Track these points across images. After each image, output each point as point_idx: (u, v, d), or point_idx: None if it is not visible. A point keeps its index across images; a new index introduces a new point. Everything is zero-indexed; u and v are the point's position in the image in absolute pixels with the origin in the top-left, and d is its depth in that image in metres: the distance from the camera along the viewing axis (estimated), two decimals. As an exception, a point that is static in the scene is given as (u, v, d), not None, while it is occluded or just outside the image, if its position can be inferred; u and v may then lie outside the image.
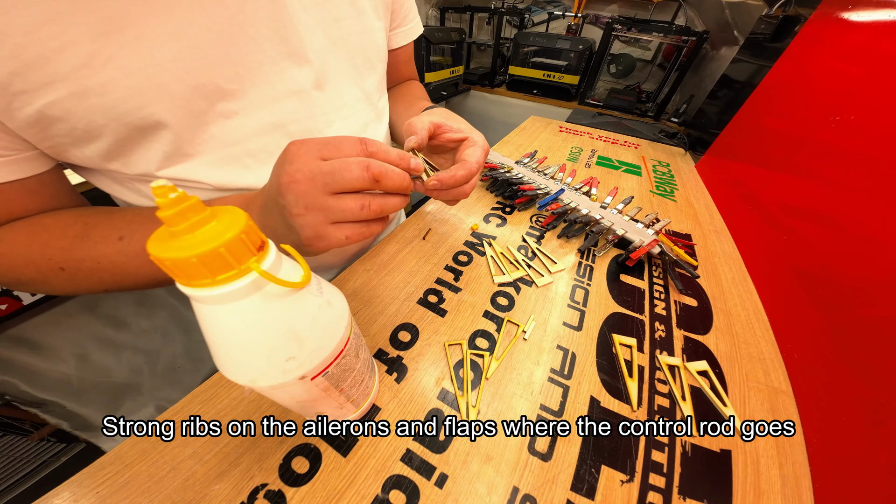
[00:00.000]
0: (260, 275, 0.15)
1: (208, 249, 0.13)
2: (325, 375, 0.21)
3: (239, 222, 0.14)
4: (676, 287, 0.46)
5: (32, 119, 0.21)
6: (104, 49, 0.21)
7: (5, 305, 0.63)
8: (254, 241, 0.15)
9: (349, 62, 0.35)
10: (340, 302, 0.21)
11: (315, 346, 0.19)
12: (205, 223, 0.14)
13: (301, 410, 0.24)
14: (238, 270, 0.14)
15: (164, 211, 0.13)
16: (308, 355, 0.19)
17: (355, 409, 0.27)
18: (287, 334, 0.17)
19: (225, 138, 0.28)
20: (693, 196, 0.74)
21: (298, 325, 0.18)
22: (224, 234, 0.14)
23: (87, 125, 0.23)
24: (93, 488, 0.25)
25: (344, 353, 0.21)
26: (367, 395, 0.28)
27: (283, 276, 0.16)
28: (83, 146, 0.24)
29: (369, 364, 0.28)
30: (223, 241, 0.13)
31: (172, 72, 0.23)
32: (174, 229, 0.13)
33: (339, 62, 0.33)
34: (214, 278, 0.14)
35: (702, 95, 1.16)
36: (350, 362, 0.23)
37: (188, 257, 0.13)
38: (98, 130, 0.23)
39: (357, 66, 0.36)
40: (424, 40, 1.38)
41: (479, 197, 0.64)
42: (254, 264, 0.15)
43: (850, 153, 0.44)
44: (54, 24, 0.19)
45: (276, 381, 0.18)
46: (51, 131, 0.22)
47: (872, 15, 0.49)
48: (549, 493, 0.27)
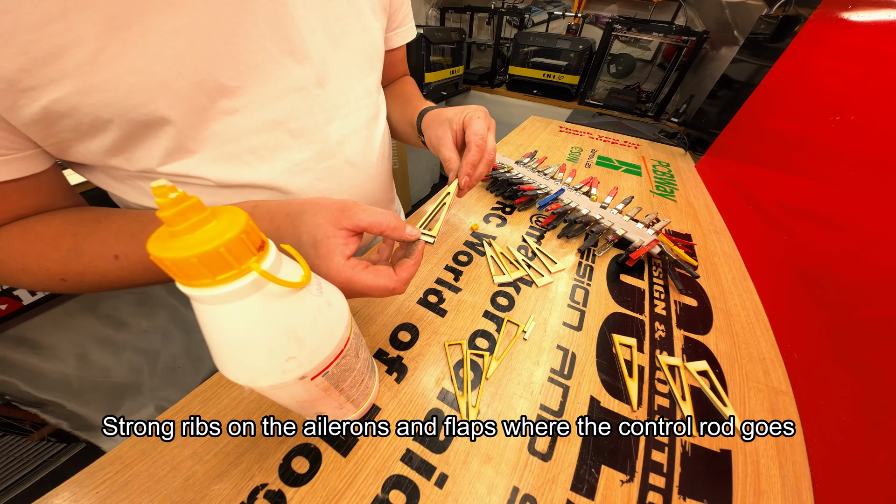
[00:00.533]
0: (260, 275, 0.15)
1: (208, 249, 0.13)
2: (326, 375, 0.21)
3: (239, 222, 0.14)
4: (676, 287, 0.46)
5: (38, 115, 0.21)
6: (109, 46, 0.21)
7: (5, 305, 0.63)
8: (254, 241, 0.15)
9: (350, 60, 0.35)
10: (340, 302, 0.21)
11: (315, 346, 0.19)
12: (205, 223, 0.14)
13: (301, 410, 0.24)
14: (238, 270, 0.14)
15: (165, 211, 0.13)
16: (308, 355, 0.19)
17: (355, 409, 0.27)
18: (287, 334, 0.17)
19: (226, 135, 0.29)
20: (693, 196, 0.74)
21: (298, 326, 0.18)
22: (224, 233, 0.14)
23: (92, 120, 0.23)
24: (93, 488, 0.25)
25: (344, 352, 0.21)
26: (367, 395, 0.28)
27: (284, 276, 0.16)
28: (87, 141, 0.24)
29: (369, 364, 0.28)
30: (223, 240, 0.13)
31: (176, 69, 0.24)
32: (174, 229, 0.13)
33: (340, 60, 0.34)
34: (214, 278, 0.14)
35: (702, 95, 1.16)
36: (350, 362, 0.23)
37: (188, 257, 0.13)
38: (103, 126, 0.23)
39: (358, 64, 0.36)
40: (424, 40, 1.38)
41: (479, 197, 0.64)
42: (254, 264, 0.15)
43: (850, 153, 0.44)
44: (61, 22, 0.19)
45: (276, 381, 0.18)
46: (56, 128, 0.23)
47: (872, 15, 0.49)
48: (549, 493, 0.27)
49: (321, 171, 0.36)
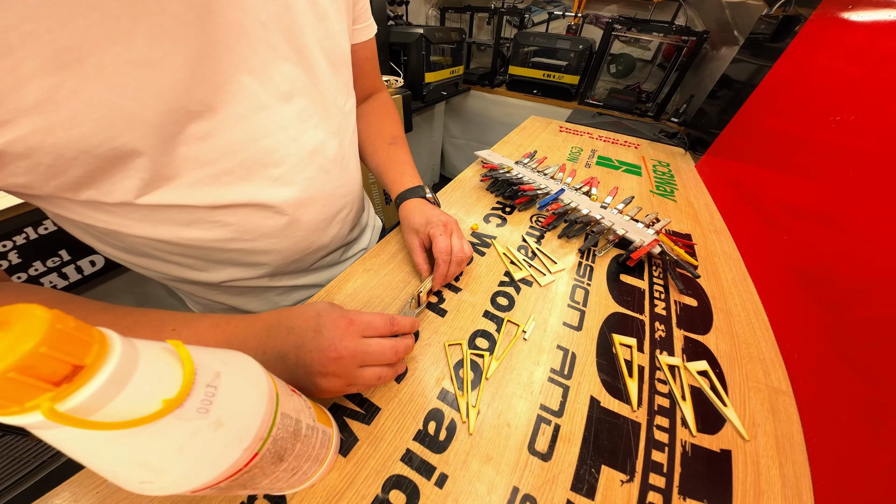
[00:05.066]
0: (49, 419, 0.10)
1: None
2: (217, 488, 0.16)
3: (21, 346, 0.10)
4: (677, 287, 0.46)
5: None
6: (66, 81, 0.20)
7: (5, 305, 0.63)
8: (53, 370, 0.10)
9: (315, 70, 0.34)
10: (244, 418, 0.16)
11: (182, 474, 0.15)
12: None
13: None
14: (20, 409, 0.10)
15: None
16: (173, 482, 0.14)
17: (290, 489, 0.24)
18: (132, 463, 0.13)
19: (201, 159, 0.28)
20: (693, 196, 0.74)
21: (150, 456, 0.13)
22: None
23: (52, 160, 0.22)
24: (93, 488, 0.25)
25: (247, 469, 0.17)
26: (308, 477, 0.24)
27: (133, 398, 0.12)
28: (47, 180, 0.23)
29: (310, 449, 0.23)
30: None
31: (141, 99, 0.23)
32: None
33: (304, 72, 0.33)
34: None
35: (702, 95, 1.16)
36: (262, 471, 0.18)
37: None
38: (66, 164, 0.23)
39: (323, 71, 0.35)
40: (424, 40, 1.38)
41: (479, 197, 0.64)
42: (45, 403, 0.10)
43: (850, 153, 0.44)
44: (7, 59, 0.18)
45: (139, 493, 0.15)
46: (9, 170, 0.22)
47: (872, 15, 0.49)
48: (549, 493, 0.27)
49: (300, 182, 0.36)
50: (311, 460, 0.23)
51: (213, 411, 0.15)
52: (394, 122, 0.54)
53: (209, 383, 0.15)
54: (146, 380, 0.13)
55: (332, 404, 0.31)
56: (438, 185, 2.21)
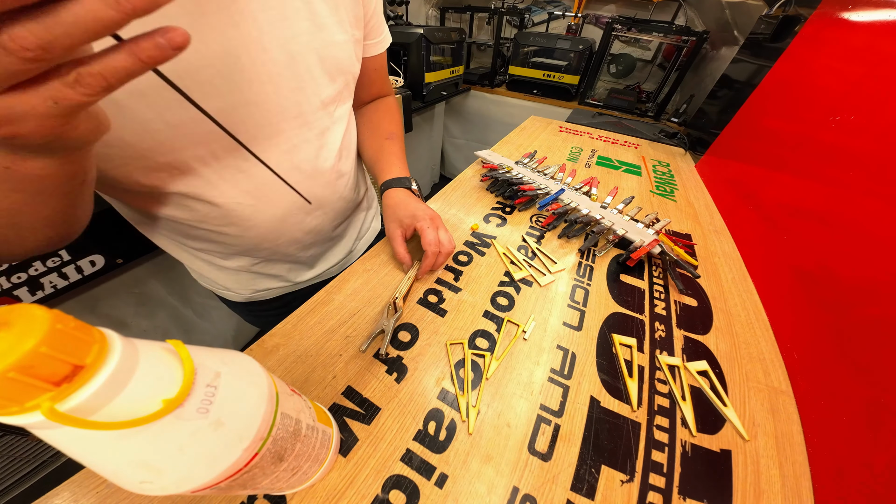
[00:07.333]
0: (49, 419, 0.10)
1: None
2: (217, 488, 0.16)
3: (21, 346, 0.10)
4: (677, 287, 0.46)
5: None
6: None
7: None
8: (53, 370, 0.10)
9: (303, 76, 0.35)
10: (244, 417, 0.16)
11: (182, 475, 0.15)
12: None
13: None
14: (20, 408, 0.10)
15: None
16: (173, 482, 0.14)
17: (290, 489, 0.24)
18: (132, 464, 0.13)
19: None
20: (693, 196, 0.74)
21: (150, 457, 0.13)
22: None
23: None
24: (93, 488, 0.25)
25: (246, 469, 0.17)
26: (308, 477, 0.24)
27: (133, 398, 0.12)
28: None
29: (310, 454, 0.23)
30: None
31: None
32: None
33: (292, 77, 0.34)
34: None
35: (702, 95, 1.16)
36: (262, 471, 0.18)
37: None
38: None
39: (314, 78, 0.36)
40: (424, 40, 1.38)
41: (479, 197, 0.64)
42: (45, 403, 0.10)
43: (850, 153, 0.44)
44: None
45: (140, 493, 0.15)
46: None
47: (872, 15, 0.49)
48: (549, 493, 0.27)
49: (258, 180, 0.36)
50: (311, 460, 0.23)
51: (213, 411, 0.15)
52: (393, 121, 0.54)
53: (209, 383, 0.15)
54: (146, 380, 0.13)
55: (333, 404, 0.31)
56: (438, 185, 2.22)
